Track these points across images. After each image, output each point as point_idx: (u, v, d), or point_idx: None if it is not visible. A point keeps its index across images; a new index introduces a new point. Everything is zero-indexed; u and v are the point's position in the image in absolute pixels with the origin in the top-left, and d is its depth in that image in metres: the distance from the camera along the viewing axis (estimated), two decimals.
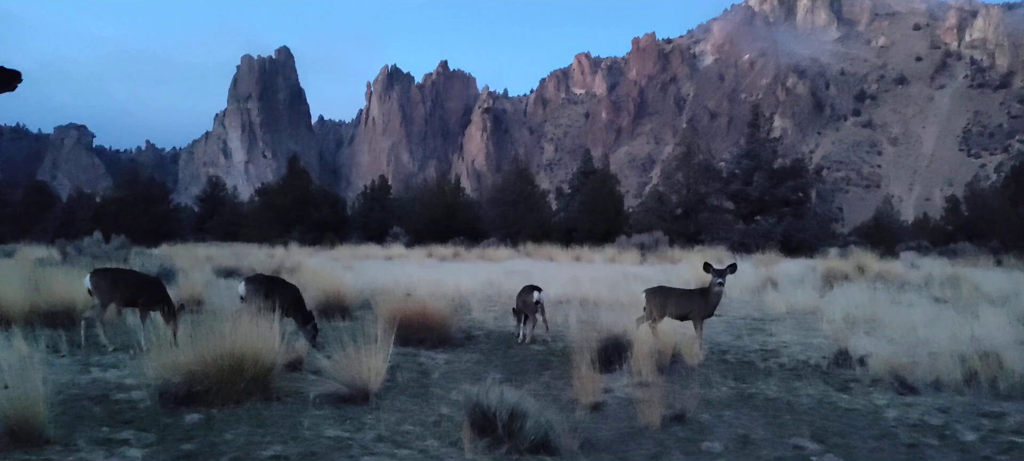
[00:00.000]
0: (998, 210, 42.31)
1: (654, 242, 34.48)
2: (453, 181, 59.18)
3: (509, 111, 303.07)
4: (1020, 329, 9.93)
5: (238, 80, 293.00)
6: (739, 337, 10.22)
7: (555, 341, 9.65)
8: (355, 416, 5.66)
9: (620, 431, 5.53)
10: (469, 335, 10.07)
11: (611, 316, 9.34)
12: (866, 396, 6.74)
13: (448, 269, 21.99)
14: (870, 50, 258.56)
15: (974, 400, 6.51)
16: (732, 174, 44.42)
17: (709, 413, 6.05)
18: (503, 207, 49.38)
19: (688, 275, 16.90)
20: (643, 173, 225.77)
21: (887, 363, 7.34)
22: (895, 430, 5.64)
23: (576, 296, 13.89)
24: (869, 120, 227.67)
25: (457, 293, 14.44)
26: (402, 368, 7.59)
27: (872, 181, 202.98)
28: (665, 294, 8.86)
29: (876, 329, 10.09)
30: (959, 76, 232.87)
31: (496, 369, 7.84)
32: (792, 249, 34.89)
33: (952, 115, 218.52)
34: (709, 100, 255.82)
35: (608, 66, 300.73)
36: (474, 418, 4.93)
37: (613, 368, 7.46)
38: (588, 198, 48.58)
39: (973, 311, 10.68)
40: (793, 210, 41.21)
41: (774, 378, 7.57)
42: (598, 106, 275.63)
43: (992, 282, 16.22)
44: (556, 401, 6.27)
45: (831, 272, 18.74)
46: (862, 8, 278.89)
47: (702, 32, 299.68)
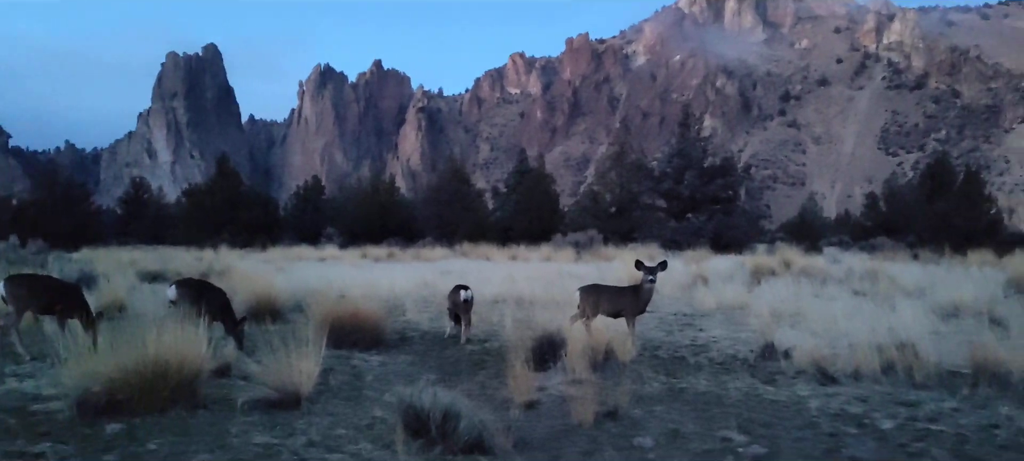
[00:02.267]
0: (914, 206, 44.11)
1: (589, 240, 34.85)
2: (388, 181, 58.62)
3: (444, 110, 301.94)
4: (934, 320, 10.40)
5: (163, 78, 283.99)
6: (671, 333, 10.41)
7: (490, 340, 9.66)
8: (285, 421, 5.56)
9: (554, 429, 5.56)
10: (404, 336, 10.00)
11: (546, 314, 9.41)
12: (790, 387, 6.95)
13: (383, 270, 21.77)
14: (794, 52, 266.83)
15: (891, 389, 6.78)
16: (664, 173, 45.22)
17: (641, 409, 6.14)
18: (439, 207, 49.18)
19: (622, 273, 17.12)
20: (578, 172, 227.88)
21: (810, 355, 7.58)
22: (817, 420, 5.83)
23: (512, 295, 13.93)
24: (794, 120, 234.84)
25: (392, 294, 14.32)
26: (335, 371, 7.49)
27: (797, 179, 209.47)
28: (598, 292, 8.98)
29: (800, 323, 10.39)
30: (877, 77, 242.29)
31: (430, 370, 7.81)
32: (722, 246, 35.68)
33: (871, 115, 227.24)
34: (641, 100, 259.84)
35: (542, 66, 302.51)
36: (407, 420, 4.90)
37: (547, 366, 7.50)
38: (524, 197, 48.77)
39: (890, 304, 11.11)
40: (723, 208, 42.19)
41: (704, 372, 7.73)
42: (533, 106, 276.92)
43: (908, 275, 16.91)
44: (491, 401, 6.28)
45: (759, 268, 19.26)
46: (786, 11, 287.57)
47: (634, 33, 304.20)
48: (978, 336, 8.28)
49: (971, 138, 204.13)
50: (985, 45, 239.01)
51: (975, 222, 38.97)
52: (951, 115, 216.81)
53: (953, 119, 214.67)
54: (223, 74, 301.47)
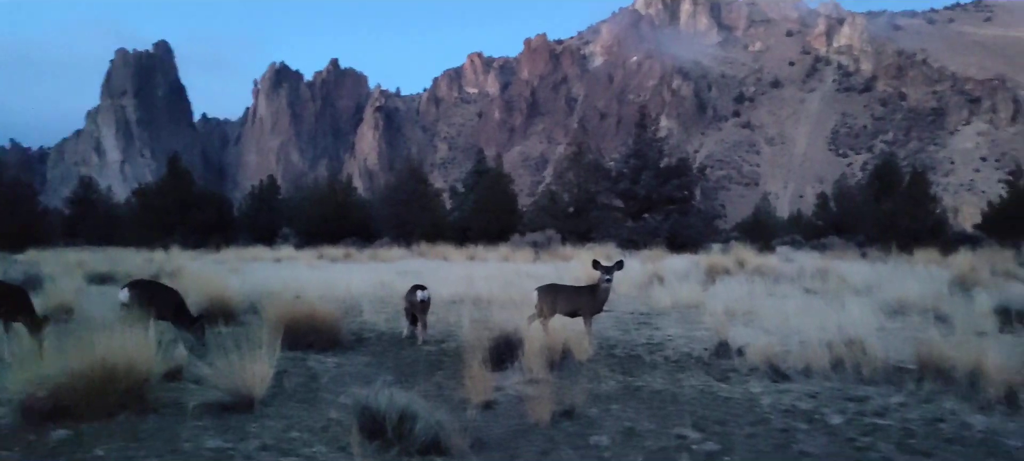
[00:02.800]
0: (863, 206, 45.18)
1: (547, 240, 34.94)
2: (345, 180, 58.04)
3: (402, 110, 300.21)
4: (882, 317, 10.67)
5: (112, 75, 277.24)
6: (627, 332, 10.49)
7: (448, 341, 9.63)
8: (238, 425, 5.47)
9: (511, 429, 5.57)
10: (360, 337, 9.91)
11: (504, 314, 9.40)
12: (743, 385, 7.06)
13: (339, 270, 21.56)
14: (747, 54, 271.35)
15: (840, 385, 6.94)
16: (621, 173, 45.59)
17: (597, 407, 6.18)
18: (396, 207, 48.84)
19: (579, 272, 17.20)
20: (536, 172, 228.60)
21: (763, 353, 7.72)
22: (769, 416, 5.94)
23: (469, 295, 13.91)
24: (748, 121, 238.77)
25: (348, 295, 14.19)
26: (290, 373, 7.39)
27: (751, 179, 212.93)
28: (555, 291, 9.01)
29: (753, 320, 10.57)
30: (828, 80, 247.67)
31: (387, 371, 7.75)
32: (678, 245, 36.11)
33: (822, 117, 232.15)
34: (599, 100, 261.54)
35: (500, 66, 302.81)
36: (363, 422, 4.86)
37: (505, 366, 7.50)
38: (482, 197, 48.71)
39: (840, 301, 11.35)
40: (679, 208, 42.70)
41: (659, 371, 7.81)
42: (491, 105, 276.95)
43: (857, 274, 17.31)
44: (448, 401, 6.26)
45: (713, 267, 19.52)
46: (740, 14, 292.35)
47: (591, 34, 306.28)
48: (923, 333, 8.50)
49: (917, 140, 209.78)
50: (931, 49, 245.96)
51: (921, 222, 40.07)
52: (898, 117, 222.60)
53: (900, 121, 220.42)
54: (174, 71, 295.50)
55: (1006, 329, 9.71)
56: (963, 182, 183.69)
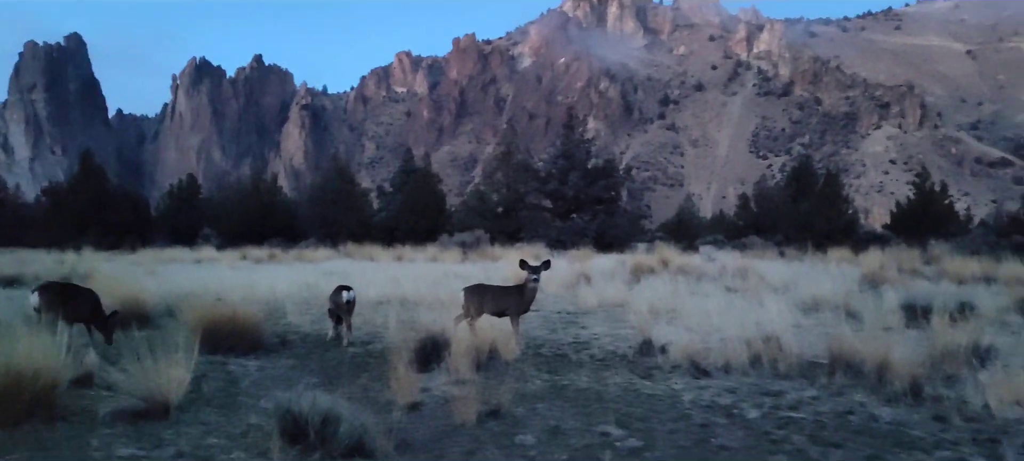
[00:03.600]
0: (781, 207, 46.72)
1: (475, 240, 34.93)
2: (269, 180, 56.70)
3: (329, 108, 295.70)
4: (797, 314, 11.04)
5: (21, 69, 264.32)
6: (554, 331, 10.57)
7: (374, 342, 9.52)
8: (153, 432, 5.28)
9: (437, 430, 5.55)
10: (284, 340, 9.70)
11: (431, 315, 9.36)
12: (666, 382, 7.20)
13: (263, 271, 21.07)
14: (672, 58, 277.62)
15: (758, 380, 7.16)
16: (549, 173, 45.94)
17: (523, 407, 6.21)
18: (322, 206, 48.02)
19: (508, 272, 17.25)
20: (465, 172, 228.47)
21: (685, 350, 7.89)
22: (690, 412, 6.08)
23: (396, 296, 13.76)
24: (672, 123, 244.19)
25: (272, 296, 13.87)
26: (208, 377, 7.18)
27: (676, 180, 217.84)
28: (483, 292, 9.01)
29: (676, 319, 10.78)
30: (749, 84, 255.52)
31: (311, 374, 7.62)
32: (605, 245, 36.60)
33: (743, 120, 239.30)
34: (528, 101, 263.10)
35: (429, 65, 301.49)
36: (284, 426, 4.76)
37: (431, 367, 7.47)
38: (410, 197, 48.35)
39: (759, 299, 11.67)
40: (606, 208, 43.30)
41: (585, 369, 7.90)
42: (420, 105, 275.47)
43: (775, 272, 17.86)
44: (373, 403, 6.19)
45: (639, 266, 19.84)
46: (665, 18, 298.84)
47: (520, 35, 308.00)
48: (836, 329, 8.85)
49: (831, 143, 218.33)
50: (844, 56, 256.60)
51: (834, 221, 41.73)
52: (814, 121, 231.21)
53: (816, 125, 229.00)
54: (88, 65, 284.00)
55: (911, 324, 10.16)
56: (874, 184, 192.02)
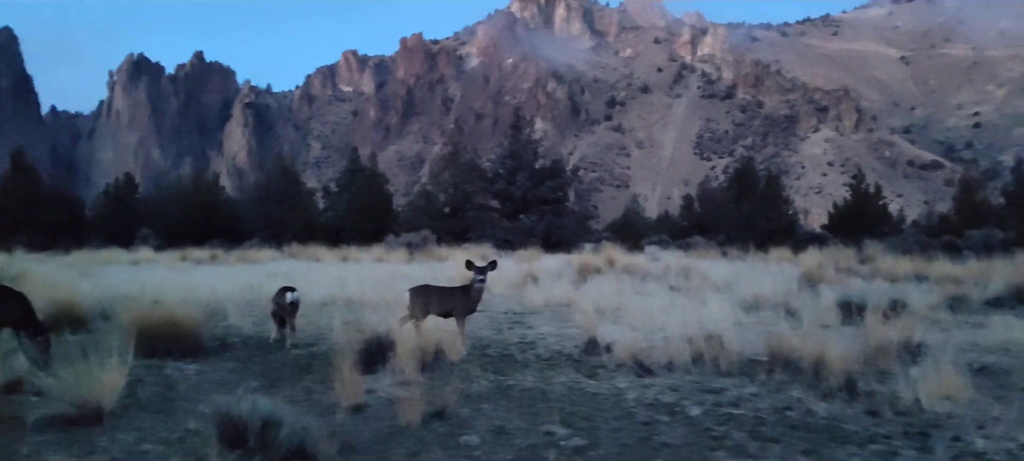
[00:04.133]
0: (724, 207, 47.57)
1: (422, 240, 34.71)
2: (211, 179, 55.44)
3: (273, 107, 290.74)
4: (739, 313, 11.26)
5: None
6: (500, 331, 10.57)
7: (318, 344, 9.39)
8: (85, 439, 5.11)
9: (381, 432, 5.50)
10: (224, 342, 9.49)
11: (376, 316, 9.28)
12: (610, 380, 7.27)
13: (204, 273, 20.61)
14: (618, 60, 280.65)
15: (700, 378, 7.28)
16: (496, 174, 45.97)
17: (469, 407, 6.20)
18: (266, 206, 47.16)
19: (454, 273, 17.19)
20: (412, 172, 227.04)
21: (629, 349, 7.97)
22: (634, 410, 6.15)
23: (342, 297, 13.61)
24: (619, 125, 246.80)
25: (213, 298, 13.55)
26: (145, 382, 6.98)
27: (622, 181, 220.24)
28: (428, 292, 8.97)
29: (622, 318, 10.89)
30: (693, 87, 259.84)
31: (252, 377, 7.48)
32: (552, 245, 36.75)
33: (687, 122, 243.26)
34: (475, 101, 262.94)
35: (376, 64, 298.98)
36: (223, 430, 4.65)
37: (376, 369, 7.40)
38: (356, 197, 47.85)
39: (702, 298, 11.88)
40: (553, 208, 43.50)
41: (531, 369, 7.91)
42: (366, 104, 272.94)
43: (718, 271, 18.18)
44: (316, 406, 6.11)
45: (585, 266, 19.97)
46: (611, 21, 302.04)
47: (468, 35, 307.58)
48: (775, 326, 9.07)
49: (773, 145, 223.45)
50: (784, 60, 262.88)
51: (775, 222, 42.72)
52: (756, 124, 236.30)
53: (758, 127, 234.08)
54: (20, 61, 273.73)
55: (847, 322, 10.46)
56: (812, 185, 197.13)
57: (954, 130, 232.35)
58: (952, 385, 6.15)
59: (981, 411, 5.92)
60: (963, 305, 12.32)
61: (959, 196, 47.07)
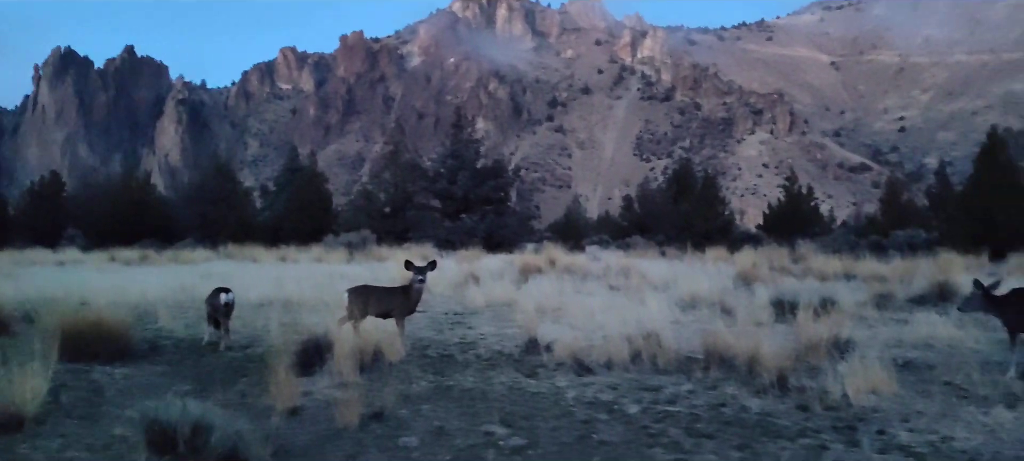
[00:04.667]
0: (663, 208, 48.32)
1: (362, 240, 34.34)
2: (143, 177, 53.78)
3: (208, 104, 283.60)
4: (676, 311, 11.47)
5: None
6: (441, 332, 10.54)
7: (253, 346, 9.19)
8: (5, 446, 4.89)
9: (318, 434, 5.41)
10: (154, 345, 9.21)
11: (314, 317, 9.17)
12: (550, 380, 7.30)
13: (134, 274, 19.97)
14: (560, 61, 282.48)
15: (638, 376, 7.37)
16: (438, 173, 45.79)
17: (408, 408, 6.15)
18: (201, 205, 45.96)
19: (395, 273, 17.05)
20: (352, 171, 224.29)
21: (569, 348, 8.03)
22: (573, 409, 6.19)
23: (279, 298, 13.37)
24: (560, 125, 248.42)
25: (143, 300, 13.16)
26: (70, 387, 6.73)
27: (564, 181, 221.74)
28: (367, 293, 8.88)
29: (562, 317, 10.97)
30: (633, 88, 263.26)
31: (184, 381, 7.27)
32: (494, 245, 36.78)
33: (627, 123, 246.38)
34: (416, 100, 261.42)
35: (315, 62, 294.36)
36: (151, 436, 4.51)
37: (313, 370, 7.29)
38: (295, 196, 47.07)
39: (640, 297, 12.06)
40: (495, 208, 43.51)
41: (471, 369, 7.90)
42: (306, 102, 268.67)
43: (656, 271, 18.47)
44: (250, 409, 5.98)
45: (527, 266, 20.06)
46: (552, 22, 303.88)
47: (409, 33, 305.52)
48: (711, 324, 9.25)
49: (710, 147, 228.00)
50: (721, 64, 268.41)
51: (712, 222, 43.58)
52: (694, 126, 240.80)
53: (695, 129, 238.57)
54: None
55: (780, 319, 10.74)
56: (748, 186, 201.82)
57: (881, 134, 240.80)
58: (878, 380, 6.37)
59: (905, 405, 6.15)
60: (889, 303, 12.78)
61: (885, 198, 48.84)
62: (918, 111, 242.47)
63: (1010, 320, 7.56)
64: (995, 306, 7.75)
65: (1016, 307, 7.53)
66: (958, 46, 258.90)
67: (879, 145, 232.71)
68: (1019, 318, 7.45)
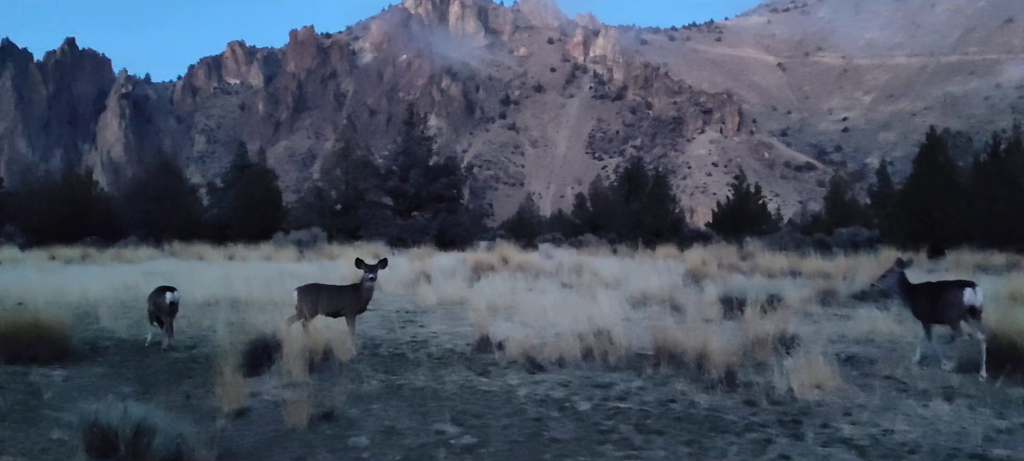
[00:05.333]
0: (615, 206, 48.78)
1: (313, 238, 33.92)
2: (84, 173, 52.24)
3: (153, 98, 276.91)
4: (627, 308, 11.57)
5: None
6: (392, 330, 10.46)
7: (199, 346, 9.01)
8: None
9: (266, 436, 5.32)
10: (95, 346, 8.96)
11: (263, 316, 9.00)
12: (502, 377, 7.31)
13: (75, 273, 19.38)
14: (513, 59, 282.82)
15: (589, 373, 7.42)
16: (390, 171, 45.41)
17: (358, 408, 6.09)
18: (145, 203, 44.79)
19: (346, 271, 16.85)
20: (303, 168, 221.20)
21: (521, 346, 8.04)
22: (525, 406, 6.20)
23: (226, 297, 13.13)
24: (513, 123, 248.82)
25: (83, 299, 12.80)
26: (6, 390, 6.51)
27: (516, 179, 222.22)
28: (317, 291, 8.78)
29: (514, 315, 10.96)
30: (585, 87, 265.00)
31: (126, 382, 7.09)
32: (446, 243, 36.64)
33: (580, 121, 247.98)
34: (368, 97, 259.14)
35: (264, 57, 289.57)
36: (91, 440, 4.37)
37: (261, 371, 7.18)
38: (243, 193, 46.19)
39: (592, 295, 12.13)
40: (447, 206, 43.34)
41: (422, 368, 7.86)
42: (255, 98, 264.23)
43: (608, 268, 18.61)
44: (195, 411, 5.86)
45: (479, 264, 20.02)
46: (505, 20, 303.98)
47: (361, 30, 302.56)
48: (661, 321, 9.34)
49: (661, 146, 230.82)
50: (672, 64, 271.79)
51: (662, 220, 44.16)
52: (645, 124, 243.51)
53: (647, 128, 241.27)
54: None
55: (728, 316, 10.92)
56: (698, 185, 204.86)
57: (825, 134, 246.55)
58: (822, 375, 6.51)
59: (848, 399, 6.30)
60: (832, 299, 13.08)
61: (830, 196, 50.17)
62: (861, 112, 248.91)
63: (918, 309, 7.90)
64: (907, 292, 8.09)
65: (926, 298, 7.83)
66: (899, 49, 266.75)
67: (824, 145, 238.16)
68: (925, 309, 7.77)
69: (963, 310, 7.37)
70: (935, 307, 7.64)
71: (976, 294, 7.36)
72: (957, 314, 7.41)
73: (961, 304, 7.37)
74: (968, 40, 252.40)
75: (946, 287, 7.77)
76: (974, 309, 7.35)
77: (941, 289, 7.78)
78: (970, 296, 7.34)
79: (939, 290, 7.78)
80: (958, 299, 7.40)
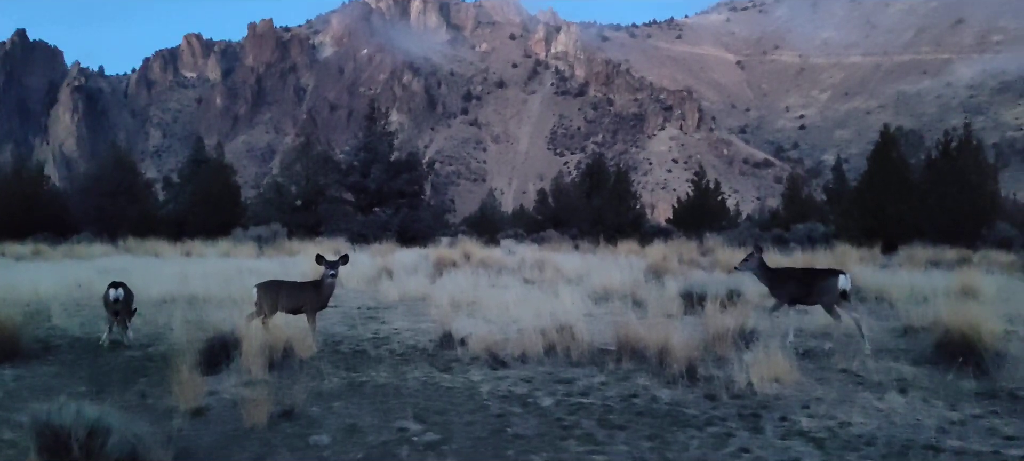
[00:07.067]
0: (577, 202, 48.95)
1: (272, 234, 33.49)
2: (35, 168, 50.89)
3: (107, 91, 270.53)
4: (589, 304, 11.60)
5: None
6: (353, 327, 10.37)
7: (155, 344, 8.83)
8: None
9: (224, 435, 5.23)
10: (47, 345, 8.74)
11: (221, 313, 8.86)
12: (465, 374, 7.29)
13: (25, 270, 18.88)
14: (475, 54, 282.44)
15: (552, 369, 7.44)
16: (351, 166, 45.00)
17: (319, 406, 6.03)
18: (99, 198, 43.76)
19: (306, 267, 16.67)
20: (262, 163, 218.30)
21: (484, 342, 8.03)
22: (487, 403, 6.19)
23: (183, 294, 12.88)
24: (475, 119, 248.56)
25: (35, 297, 12.49)
26: None
27: (479, 175, 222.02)
28: (277, 288, 8.66)
29: (477, 311, 10.93)
30: (547, 83, 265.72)
31: (79, 382, 6.92)
32: (408, 239, 36.46)
33: (542, 117, 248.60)
34: (329, 92, 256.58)
35: (222, 50, 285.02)
36: (43, 441, 4.25)
37: (220, 369, 7.06)
38: (200, 189, 45.39)
39: (554, 290, 12.16)
40: (409, 202, 43.09)
41: (384, 364, 7.80)
42: (212, 92, 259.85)
43: (570, 264, 18.69)
44: (151, 411, 5.74)
45: (441, 260, 19.97)
46: (467, 15, 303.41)
47: (321, 23, 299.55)
48: (623, 317, 9.39)
49: (622, 142, 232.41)
50: (633, 60, 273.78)
51: (624, 216, 44.48)
52: (606, 121, 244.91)
53: (608, 124, 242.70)
54: None
55: (689, 311, 11.04)
56: (659, 181, 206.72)
57: (783, 131, 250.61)
58: (780, 369, 6.61)
59: (805, 392, 6.41)
60: None
61: (787, 193, 50.88)
62: (817, 110, 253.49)
63: (777, 292, 9.00)
64: (767, 276, 9.17)
65: (784, 282, 8.98)
66: (854, 48, 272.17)
67: (781, 142, 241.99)
68: (782, 292, 8.89)
69: (837, 295, 8.37)
70: (811, 292, 8.57)
71: (847, 281, 8.42)
72: (832, 299, 8.40)
73: (835, 290, 8.36)
74: (920, 40, 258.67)
75: (822, 274, 8.71)
76: (845, 293, 8.41)
77: (817, 276, 8.73)
78: (843, 282, 8.37)
79: (814, 277, 8.74)
80: (833, 285, 8.39)
